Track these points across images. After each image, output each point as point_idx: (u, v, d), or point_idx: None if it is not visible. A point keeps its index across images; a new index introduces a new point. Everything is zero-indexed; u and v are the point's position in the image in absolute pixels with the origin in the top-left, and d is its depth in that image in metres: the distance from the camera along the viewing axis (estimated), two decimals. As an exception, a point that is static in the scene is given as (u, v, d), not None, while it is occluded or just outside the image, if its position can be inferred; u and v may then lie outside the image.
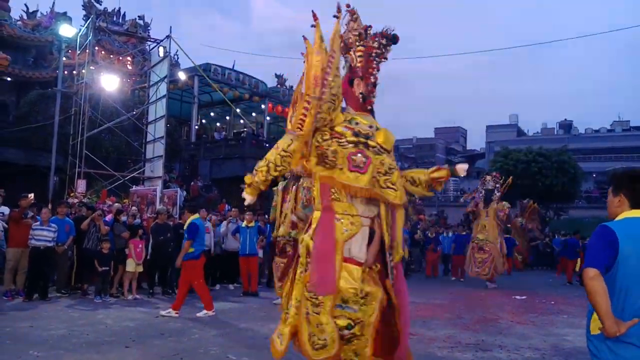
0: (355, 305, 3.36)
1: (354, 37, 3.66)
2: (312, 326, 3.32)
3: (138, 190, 14.10)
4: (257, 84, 23.92)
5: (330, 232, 3.38)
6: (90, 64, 15.45)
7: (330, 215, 3.42)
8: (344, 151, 3.40)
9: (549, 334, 6.99)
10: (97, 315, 7.12)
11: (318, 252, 3.37)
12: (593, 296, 2.17)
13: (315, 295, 3.31)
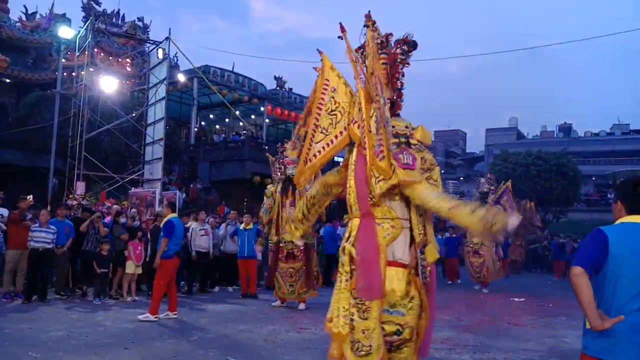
0: (402, 309, 3.38)
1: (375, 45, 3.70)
2: (357, 332, 3.31)
3: (137, 192, 14.10)
4: (256, 86, 23.95)
5: (373, 237, 3.42)
6: (89, 65, 15.45)
7: (370, 221, 3.47)
8: (389, 153, 3.41)
9: (546, 335, 7.01)
10: (96, 317, 7.13)
11: (362, 258, 3.40)
12: (577, 292, 2.32)
13: (362, 301, 3.33)
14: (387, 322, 3.35)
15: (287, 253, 8.48)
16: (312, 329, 6.88)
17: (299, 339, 6.31)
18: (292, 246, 8.44)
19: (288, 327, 7.01)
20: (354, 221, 3.59)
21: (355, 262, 3.43)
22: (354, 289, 3.37)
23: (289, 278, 8.45)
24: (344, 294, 3.45)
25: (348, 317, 3.37)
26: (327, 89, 3.78)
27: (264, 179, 19.21)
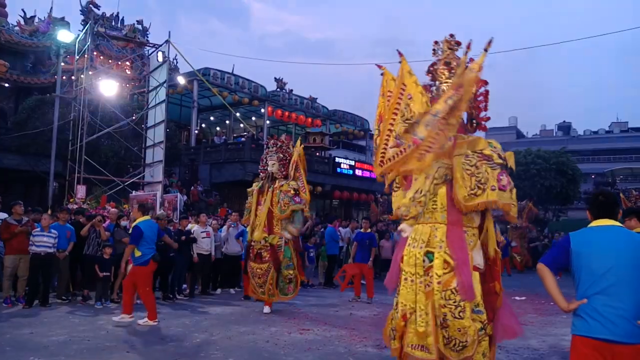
0: (482, 308, 3.84)
1: (443, 68, 4.11)
2: (453, 330, 3.72)
3: (138, 195, 14.09)
4: (256, 87, 23.94)
5: (464, 243, 3.85)
6: (88, 69, 15.44)
7: (459, 229, 3.88)
8: (494, 172, 3.81)
9: (547, 334, 7.01)
10: (98, 321, 7.12)
11: (459, 263, 3.78)
12: (543, 282, 3.03)
13: (456, 302, 3.74)
14: (475, 320, 3.78)
15: (256, 253, 8.32)
16: (314, 330, 6.88)
17: (301, 340, 6.31)
18: (260, 246, 8.27)
19: (290, 328, 7.01)
20: (440, 227, 3.91)
21: (448, 267, 3.78)
22: (444, 291, 3.76)
23: (257, 278, 8.28)
24: (436, 295, 3.77)
25: (439, 316, 3.75)
26: (403, 95, 4.00)
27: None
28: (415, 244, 3.96)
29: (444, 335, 3.76)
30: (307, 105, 26.33)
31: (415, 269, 3.88)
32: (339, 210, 26.63)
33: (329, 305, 9.39)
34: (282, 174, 8.53)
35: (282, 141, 8.82)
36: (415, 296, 3.85)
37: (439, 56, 4.17)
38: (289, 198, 8.23)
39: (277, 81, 25.88)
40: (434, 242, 3.86)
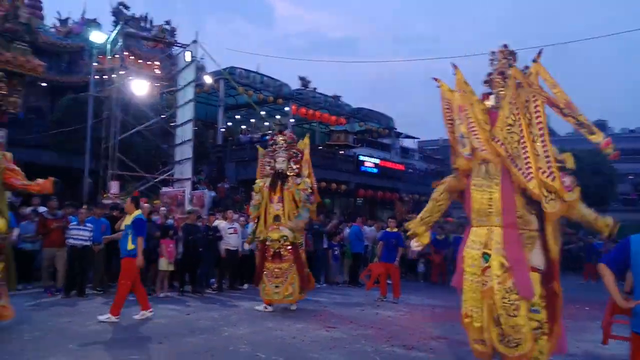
0: (539, 308, 4.06)
1: (498, 77, 4.35)
2: (507, 328, 3.96)
3: (168, 191, 14.44)
4: (281, 86, 24.15)
5: (519, 245, 4.05)
6: (120, 68, 15.86)
7: (515, 231, 4.07)
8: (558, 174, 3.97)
9: (582, 339, 6.88)
10: (131, 312, 7.32)
11: (514, 264, 4.00)
12: (603, 281, 3.23)
13: (510, 300, 3.96)
14: (531, 319, 4.00)
15: (274, 252, 8.04)
16: (340, 328, 6.97)
17: (327, 337, 6.41)
18: (278, 245, 8.03)
19: (316, 325, 7.12)
20: (496, 230, 4.13)
21: (507, 268, 4.00)
22: (499, 291, 3.98)
23: (274, 279, 8.03)
24: (498, 295, 3.99)
25: (486, 313, 4.01)
26: (449, 108, 4.42)
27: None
28: (473, 246, 4.27)
29: (499, 332, 4.00)
30: (331, 103, 26.42)
31: (474, 269, 4.19)
32: (363, 209, 26.65)
33: (355, 304, 9.47)
34: (294, 171, 8.33)
35: (291, 137, 8.59)
36: (474, 294, 4.18)
37: (495, 66, 4.42)
38: (307, 197, 8.19)
39: (301, 79, 26.03)
40: (490, 244, 4.14)
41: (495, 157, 4.16)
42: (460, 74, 4.35)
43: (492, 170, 4.16)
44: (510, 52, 4.39)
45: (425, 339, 6.53)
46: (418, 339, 6.53)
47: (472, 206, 4.30)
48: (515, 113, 4.05)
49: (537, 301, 4.05)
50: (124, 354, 5.14)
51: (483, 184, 4.20)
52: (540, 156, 3.93)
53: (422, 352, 5.87)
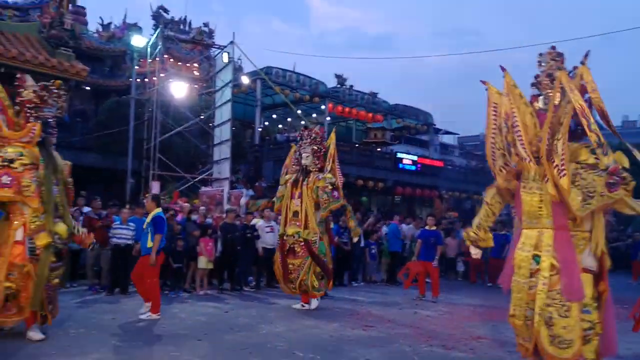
0: (591, 309, 4.10)
1: (546, 80, 4.39)
2: (557, 328, 4.00)
3: (207, 191, 14.70)
4: (317, 84, 24.16)
5: (570, 247, 4.12)
6: (160, 71, 16.25)
7: (566, 234, 4.14)
8: (601, 180, 4.00)
9: (632, 341, 6.58)
10: (172, 310, 7.53)
11: (565, 266, 4.05)
12: None
13: (562, 301, 4.01)
14: (583, 320, 4.03)
15: (289, 248, 8.03)
16: (378, 327, 6.91)
17: (364, 336, 6.37)
18: (293, 241, 7.98)
19: (354, 324, 7.08)
20: (546, 232, 4.18)
21: (555, 270, 4.06)
22: (550, 292, 4.03)
23: (290, 275, 8.04)
24: (541, 295, 4.07)
25: (544, 315, 4.03)
26: (497, 113, 4.46)
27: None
28: (524, 248, 4.32)
29: (549, 334, 4.02)
30: (367, 101, 26.23)
31: (523, 271, 4.25)
32: (401, 207, 26.38)
33: (393, 302, 9.38)
34: (317, 166, 8.24)
35: (316, 132, 8.46)
36: (520, 294, 4.24)
37: (543, 67, 4.45)
38: (328, 194, 7.95)
39: (338, 77, 25.96)
40: (541, 246, 4.19)
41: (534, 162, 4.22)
42: (508, 77, 4.36)
43: (542, 173, 4.19)
44: (558, 54, 4.40)
45: (466, 339, 6.39)
46: (458, 338, 6.40)
47: (522, 208, 4.36)
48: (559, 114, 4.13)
49: (589, 302, 4.07)
50: (164, 350, 5.26)
51: (533, 186, 4.25)
52: (557, 153, 4.02)
53: (462, 352, 5.75)
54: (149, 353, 5.14)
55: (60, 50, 11.30)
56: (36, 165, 5.42)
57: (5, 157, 5.26)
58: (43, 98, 5.68)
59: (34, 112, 5.63)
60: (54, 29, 11.50)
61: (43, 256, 5.31)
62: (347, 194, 25.12)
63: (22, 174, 5.26)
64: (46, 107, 5.72)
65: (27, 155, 5.34)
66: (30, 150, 5.42)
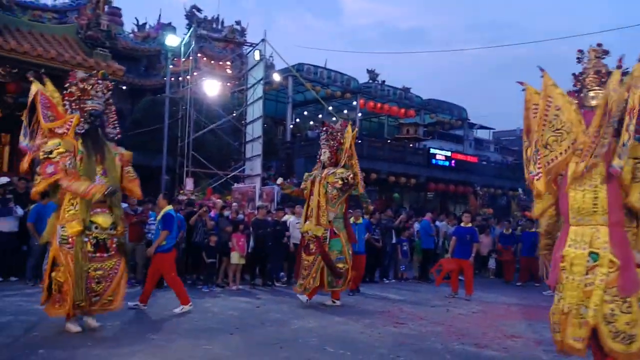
0: None
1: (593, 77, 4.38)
2: (620, 324, 4.01)
3: (239, 187, 14.88)
4: (348, 80, 24.08)
5: (627, 243, 4.15)
6: (193, 70, 16.52)
7: (621, 230, 4.18)
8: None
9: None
10: (204, 304, 7.65)
11: (624, 262, 4.07)
12: None
13: (622, 297, 4.03)
14: None
15: (306, 244, 8.02)
16: (409, 325, 6.85)
17: (396, 333, 6.32)
18: (308, 237, 7.95)
19: (385, 321, 7.04)
20: (602, 229, 4.17)
21: (614, 266, 4.07)
22: (611, 289, 4.05)
23: (303, 270, 8.00)
24: (597, 291, 4.06)
25: (602, 312, 4.03)
26: (550, 107, 4.33)
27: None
28: (577, 245, 4.27)
29: (611, 330, 4.02)
30: (400, 96, 25.98)
31: (578, 268, 4.21)
32: (434, 203, 26.07)
33: (424, 300, 9.28)
34: (332, 161, 8.19)
35: (332, 127, 8.42)
36: (574, 292, 4.20)
37: (585, 64, 4.43)
38: (337, 190, 7.89)
39: (370, 73, 25.80)
40: (597, 243, 4.16)
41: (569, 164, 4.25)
42: (548, 78, 4.34)
43: (597, 170, 4.18)
44: (604, 51, 4.38)
45: (499, 338, 6.27)
46: (491, 337, 6.28)
47: (570, 205, 4.31)
48: None
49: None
50: (197, 343, 5.34)
51: (585, 182, 4.21)
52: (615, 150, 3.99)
53: (495, 351, 5.64)
54: (182, 346, 5.23)
55: (97, 51, 11.62)
56: (72, 153, 5.48)
57: (45, 150, 5.39)
58: (84, 89, 5.70)
59: (75, 104, 5.68)
60: (90, 30, 11.82)
61: (76, 245, 5.35)
62: (379, 190, 25.09)
63: (60, 160, 5.37)
64: (89, 99, 5.71)
65: (63, 145, 5.43)
66: (67, 140, 5.49)
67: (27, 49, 10.49)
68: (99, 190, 5.33)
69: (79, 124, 5.62)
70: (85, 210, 5.46)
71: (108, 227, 5.61)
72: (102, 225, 5.57)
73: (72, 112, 5.69)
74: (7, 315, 6.02)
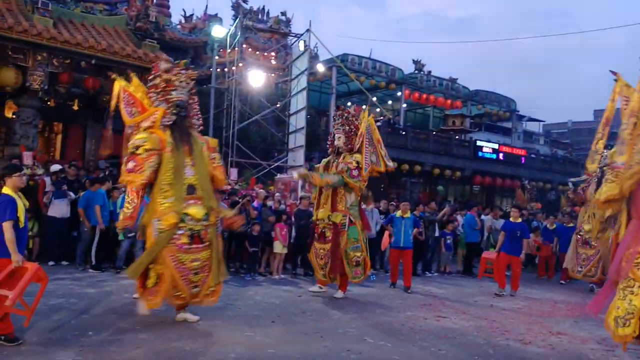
0: None
1: None
2: None
3: (282, 178, 15.01)
4: (393, 71, 23.73)
5: None
6: (239, 61, 16.72)
7: None
8: None
9: None
10: (247, 292, 7.79)
11: None
12: None
13: None
14: None
15: (320, 232, 7.79)
16: (451, 319, 6.75)
17: (437, 327, 6.24)
18: (323, 224, 7.73)
19: (426, 314, 6.97)
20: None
21: None
22: None
23: (319, 259, 7.82)
24: None
25: None
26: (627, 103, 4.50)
27: (401, 165, 19.11)
28: None
29: None
30: (446, 87, 25.41)
31: None
32: (479, 197, 25.48)
33: (468, 294, 9.11)
34: (348, 147, 7.91)
35: (348, 112, 8.10)
36: None
37: None
38: (347, 169, 7.61)
39: (415, 63, 25.35)
40: None
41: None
42: (622, 80, 4.45)
43: None
44: None
45: (544, 334, 6.10)
46: (536, 333, 6.12)
47: None
48: None
49: None
50: (239, 330, 5.46)
51: None
52: None
53: (540, 347, 5.49)
54: (225, 333, 5.35)
55: (146, 42, 11.91)
56: (159, 150, 5.43)
57: (134, 144, 5.41)
58: (169, 80, 5.65)
59: (160, 96, 5.65)
60: (140, 22, 12.11)
61: (164, 236, 5.32)
62: (423, 182, 24.72)
63: (145, 159, 5.35)
64: (173, 89, 5.66)
65: (149, 141, 5.40)
66: (154, 136, 5.46)
67: (79, 40, 10.85)
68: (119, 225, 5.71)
69: (165, 116, 5.60)
70: (180, 203, 5.42)
71: (201, 218, 5.52)
72: (196, 217, 5.45)
73: (159, 104, 5.66)
74: (58, 298, 6.29)
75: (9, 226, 4.34)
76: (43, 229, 8.92)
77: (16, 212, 4.42)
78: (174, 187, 5.44)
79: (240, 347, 4.83)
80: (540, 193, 23.63)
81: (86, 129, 13.52)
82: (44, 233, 8.91)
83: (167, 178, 5.46)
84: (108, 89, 11.56)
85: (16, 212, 4.42)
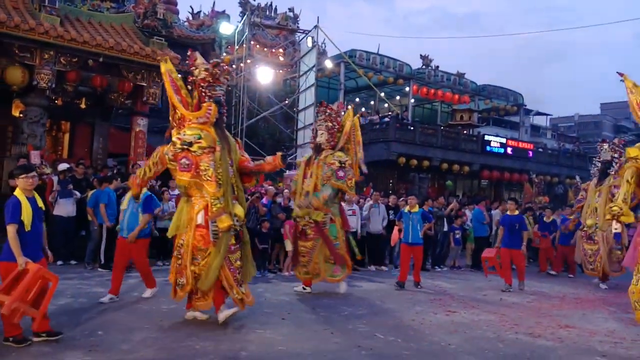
0: None
1: None
2: None
3: (291, 174, 15.03)
4: (401, 66, 23.67)
5: None
6: (247, 57, 16.79)
7: None
8: None
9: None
10: (257, 289, 7.80)
11: None
12: None
13: None
14: None
15: (301, 230, 7.66)
16: (461, 313, 6.78)
17: (447, 321, 6.27)
18: (304, 222, 7.59)
19: (436, 309, 7.00)
20: None
21: None
22: None
23: (301, 257, 7.66)
24: None
25: None
26: None
27: (409, 160, 19.10)
28: None
29: None
30: (454, 82, 25.31)
31: None
32: (488, 191, 25.40)
33: (477, 288, 9.12)
34: (330, 144, 7.78)
35: (331, 109, 7.92)
36: None
37: None
38: (332, 172, 7.47)
39: (423, 58, 25.27)
40: None
41: None
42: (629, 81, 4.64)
43: None
44: None
45: (553, 328, 6.11)
46: (545, 327, 6.13)
47: None
48: None
49: None
50: (250, 327, 5.51)
51: None
52: None
53: (549, 340, 5.51)
54: (236, 329, 5.40)
55: (153, 39, 11.95)
56: (213, 148, 5.29)
57: (184, 139, 5.20)
58: (216, 76, 5.53)
59: (208, 91, 5.50)
60: (147, 19, 12.12)
61: (224, 239, 5.24)
62: (431, 177, 24.72)
63: (200, 158, 5.17)
64: (218, 85, 5.57)
65: (204, 138, 5.24)
66: (208, 133, 5.32)
67: (87, 38, 10.88)
68: None
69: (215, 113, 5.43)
70: (231, 203, 5.35)
71: (243, 217, 5.56)
72: (240, 216, 5.46)
73: (206, 99, 5.48)
74: (67, 297, 6.34)
75: (10, 229, 4.29)
76: (49, 229, 8.96)
77: (19, 215, 4.31)
78: (225, 186, 5.29)
79: (251, 344, 4.87)
80: (547, 187, 23.54)
81: (94, 127, 13.58)
82: (50, 232, 8.97)
83: (218, 178, 5.29)
84: (115, 87, 11.72)
85: (19, 215, 4.31)
